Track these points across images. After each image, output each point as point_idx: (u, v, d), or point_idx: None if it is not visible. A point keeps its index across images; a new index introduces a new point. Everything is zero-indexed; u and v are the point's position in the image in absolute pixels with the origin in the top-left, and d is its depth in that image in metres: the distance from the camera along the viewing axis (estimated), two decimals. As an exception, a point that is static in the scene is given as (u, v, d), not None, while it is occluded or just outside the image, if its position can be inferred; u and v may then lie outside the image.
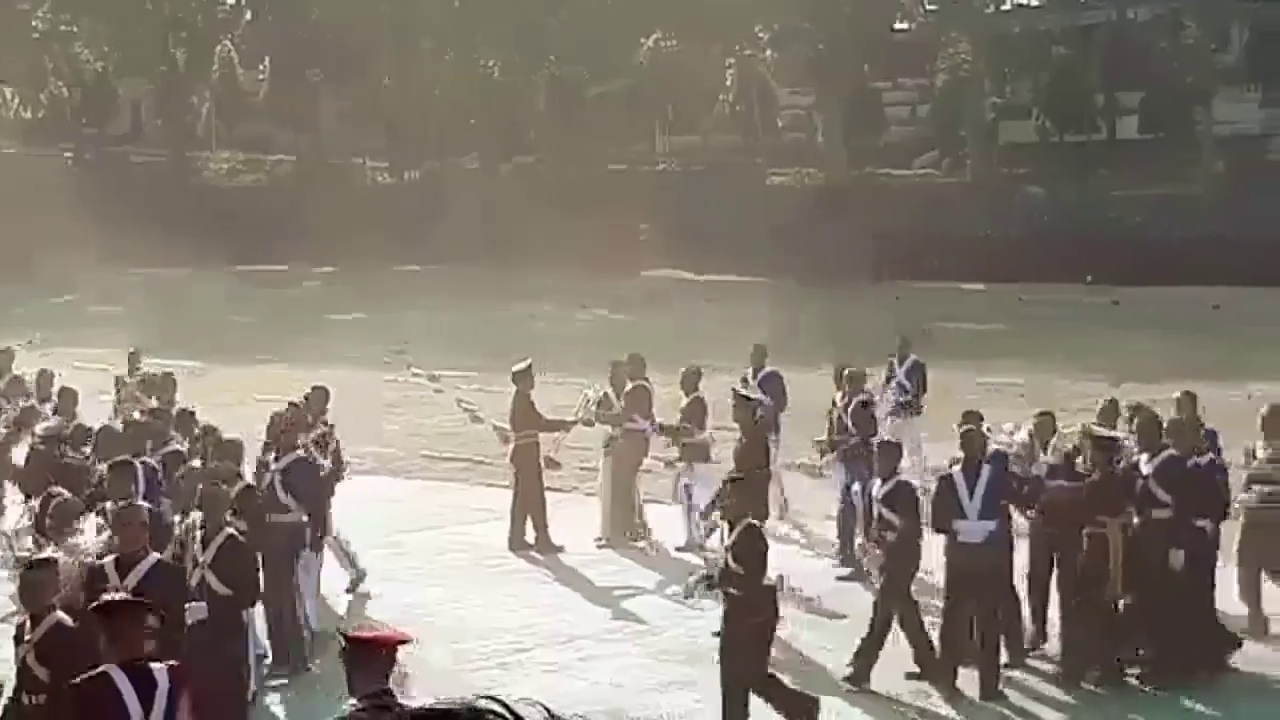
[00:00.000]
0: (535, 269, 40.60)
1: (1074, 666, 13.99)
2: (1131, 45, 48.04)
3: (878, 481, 14.10)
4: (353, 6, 50.39)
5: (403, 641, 8.16)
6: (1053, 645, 14.55)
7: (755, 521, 12.45)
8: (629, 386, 19.11)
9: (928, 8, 54.89)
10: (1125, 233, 41.30)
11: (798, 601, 15.42)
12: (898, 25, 55.60)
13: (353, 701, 7.70)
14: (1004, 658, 14.08)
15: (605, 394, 19.36)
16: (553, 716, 2.11)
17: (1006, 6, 55.67)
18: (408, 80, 52.15)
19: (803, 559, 17.55)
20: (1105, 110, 49.29)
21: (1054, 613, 14.63)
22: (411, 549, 18.31)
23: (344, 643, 7.94)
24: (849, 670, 13.71)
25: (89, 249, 41.77)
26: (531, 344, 24.47)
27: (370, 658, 7.84)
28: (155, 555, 11.01)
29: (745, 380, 19.02)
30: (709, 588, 12.53)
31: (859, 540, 14.43)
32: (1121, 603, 14.01)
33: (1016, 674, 14.15)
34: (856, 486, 16.71)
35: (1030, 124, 49.19)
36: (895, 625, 13.77)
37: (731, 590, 12.13)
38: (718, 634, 12.56)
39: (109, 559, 10.88)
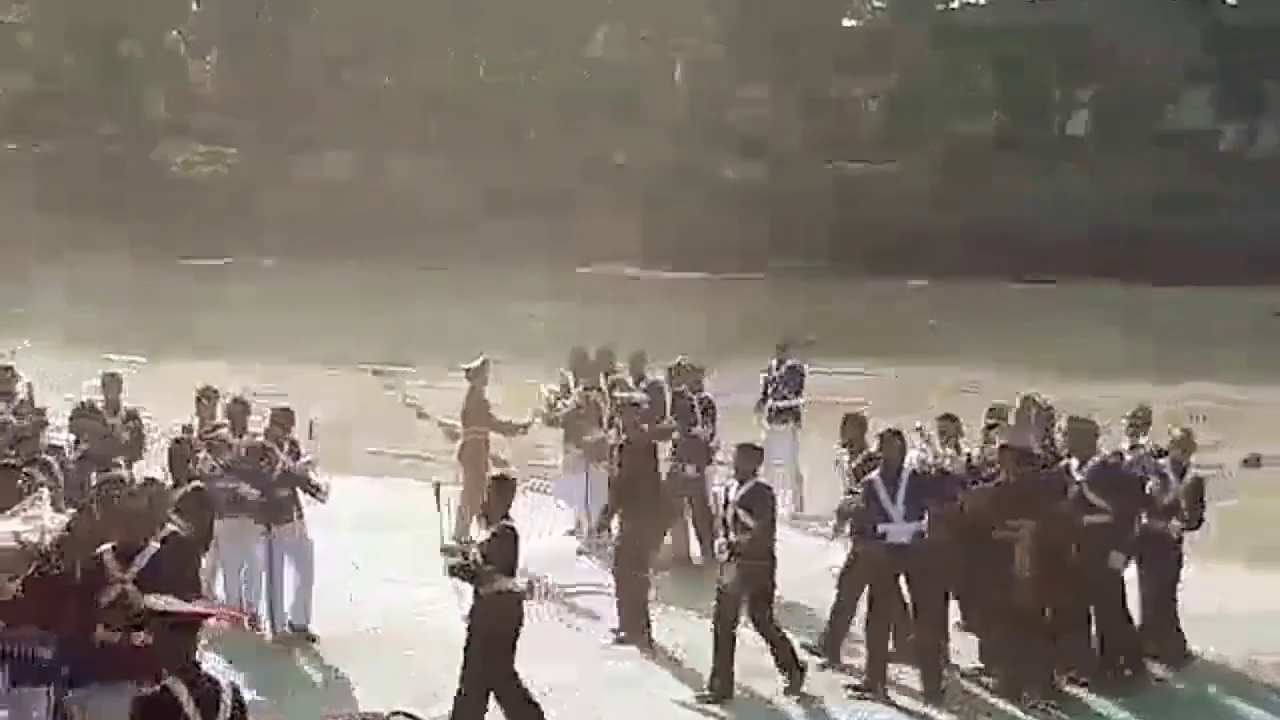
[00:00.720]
0: (490, 265, 40.57)
1: (1009, 678, 14.07)
2: (1083, 41, 48.31)
3: (734, 483, 14.05)
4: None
5: (204, 616, 8.63)
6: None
7: (511, 524, 12.29)
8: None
9: (875, 4, 55.08)
10: (1074, 228, 41.50)
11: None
12: (846, 21, 55.64)
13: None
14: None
15: (565, 381, 19.33)
16: None
17: (955, 4, 55.82)
18: (373, 76, 52.15)
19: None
20: (1059, 106, 49.53)
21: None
22: (392, 548, 18.09)
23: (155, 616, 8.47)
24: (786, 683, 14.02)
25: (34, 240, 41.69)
26: (483, 341, 24.36)
27: (178, 632, 8.29)
28: (156, 543, 10.90)
29: (624, 383, 18.93)
30: (452, 572, 12.45)
31: (718, 541, 14.21)
32: (1050, 610, 14.01)
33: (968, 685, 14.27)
34: (718, 488, 16.98)
35: (986, 120, 49.48)
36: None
37: (482, 590, 12.17)
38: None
39: (107, 547, 10.80)
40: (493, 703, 12.33)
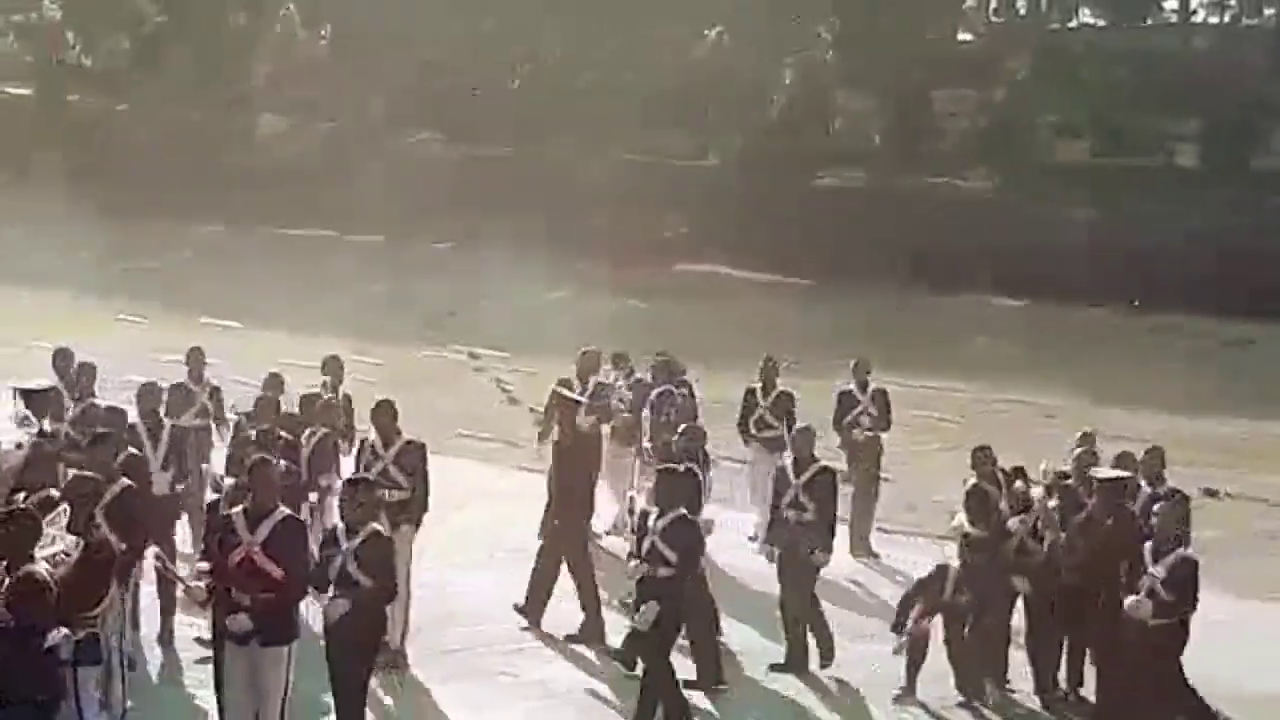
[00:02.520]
0: (572, 256, 40.79)
1: None
2: (1194, 73, 47.90)
3: (655, 511, 13.08)
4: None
5: None
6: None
7: (380, 529, 12.10)
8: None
9: (992, 20, 54.93)
10: (1171, 260, 41.15)
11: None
12: (961, 35, 55.60)
13: None
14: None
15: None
16: None
17: (1073, 24, 55.66)
18: (453, 57, 52.43)
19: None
20: (1163, 136, 49.14)
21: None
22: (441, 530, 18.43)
23: None
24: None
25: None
26: (564, 330, 24.64)
27: None
28: (285, 510, 11.31)
29: (568, 383, 18.64)
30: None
31: (632, 564, 13.14)
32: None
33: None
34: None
35: (1085, 144, 49.13)
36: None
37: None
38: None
39: (238, 509, 11.31)
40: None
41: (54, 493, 11.77)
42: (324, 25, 55.35)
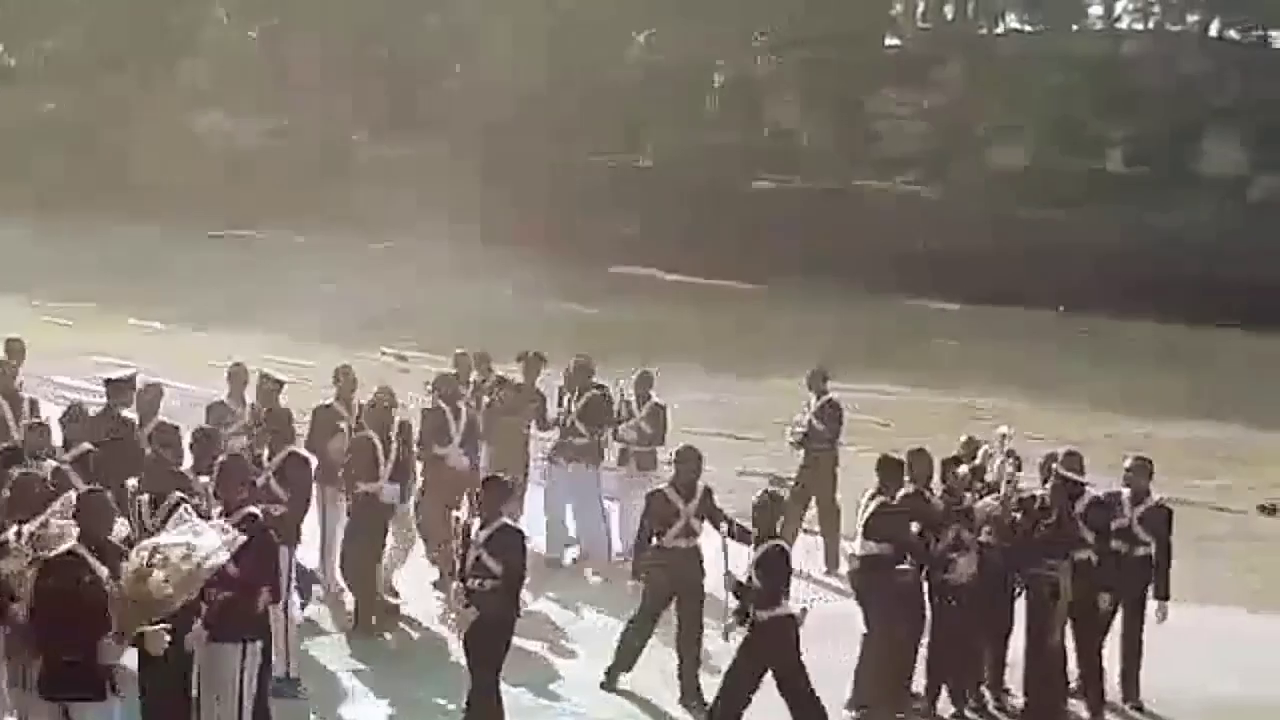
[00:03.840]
0: (509, 257, 40.70)
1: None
2: (1126, 78, 48.31)
3: (478, 521, 12.61)
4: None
5: None
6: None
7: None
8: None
9: (920, 25, 55.20)
10: (1103, 264, 41.47)
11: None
12: (890, 40, 55.84)
13: None
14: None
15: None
16: None
17: (1000, 30, 56.02)
18: (407, 56, 52.27)
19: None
20: (1095, 141, 49.50)
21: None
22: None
23: None
24: None
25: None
26: (497, 331, 24.51)
27: None
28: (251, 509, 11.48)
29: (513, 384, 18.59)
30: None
31: (454, 585, 12.58)
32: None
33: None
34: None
35: (1020, 149, 49.46)
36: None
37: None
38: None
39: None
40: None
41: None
42: (262, 22, 55.06)
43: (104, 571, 9.73)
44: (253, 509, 11.52)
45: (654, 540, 14.27)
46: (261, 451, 14.26)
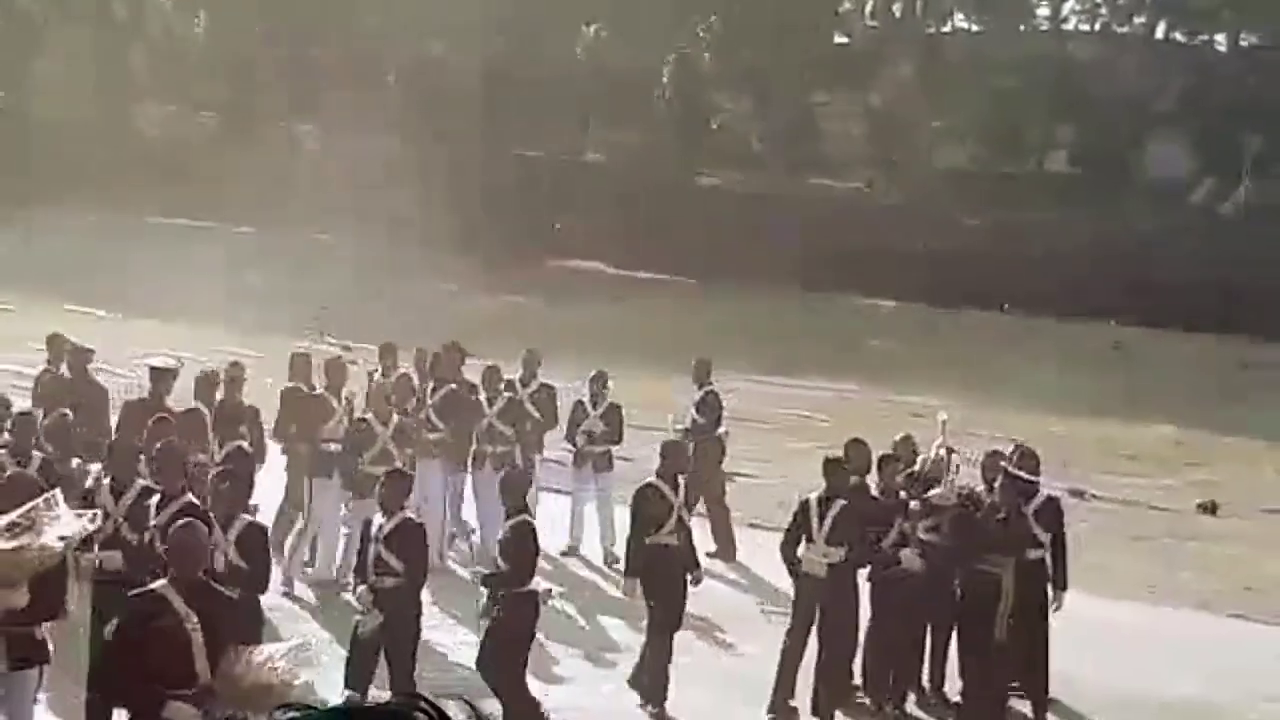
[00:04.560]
0: (448, 250, 40.56)
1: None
2: (1069, 82, 48.53)
3: (377, 516, 12.57)
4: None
5: None
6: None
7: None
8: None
9: (869, 24, 55.35)
10: (1044, 265, 41.64)
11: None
12: (838, 39, 55.96)
13: None
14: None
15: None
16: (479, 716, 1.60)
17: (947, 29, 56.21)
18: (334, 51, 52.05)
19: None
20: (1038, 143, 49.73)
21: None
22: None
23: None
24: None
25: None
26: (441, 326, 24.40)
27: None
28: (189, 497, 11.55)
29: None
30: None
31: (361, 588, 12.40)
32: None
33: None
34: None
35: (965, 149, 49.63)
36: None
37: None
38: None
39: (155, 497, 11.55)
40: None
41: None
42: (200, 15, 54.74)
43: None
44: (191, 498, 11.43)
45: (648, 538, 14.02)
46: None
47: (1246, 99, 46.17)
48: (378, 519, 12.31)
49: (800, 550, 13.81)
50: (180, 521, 10.05)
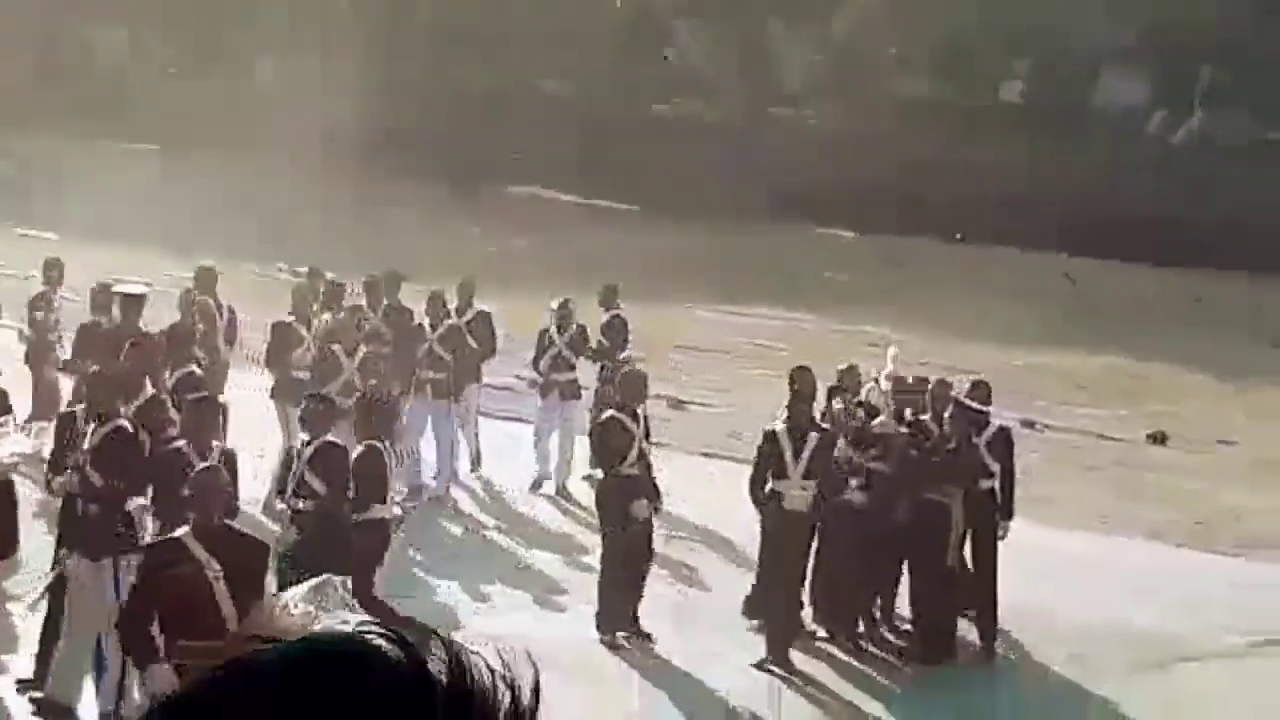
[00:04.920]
0: (402, 178, 40.35)
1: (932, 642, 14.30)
2: (1026, 8, 48.34)
3: (301, 438, 12.62)
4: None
5: None
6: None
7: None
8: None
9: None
10: (996, 195, 41.63)
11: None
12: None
13: None
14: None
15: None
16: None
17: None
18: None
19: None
20: (992, 74, 49.60)
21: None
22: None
23: None
24: None
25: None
26: (395, 253, 24.30)
27: None
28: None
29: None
30: None
31: (280, 505, 12.42)
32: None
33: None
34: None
35: (921, 80, 49.44)
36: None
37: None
38: None
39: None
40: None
41: None
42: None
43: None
44: (121, 421, 11.46)
45: (613, 469, 14.05)
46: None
47: (1200, 29, 46.17)
48: (300, 440, 12.32)
49: (778, 485, 13.72)
50: (202, 465, 10.08)
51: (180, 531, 9.21)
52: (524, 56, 49.98)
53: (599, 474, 14.63)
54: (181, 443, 11.69)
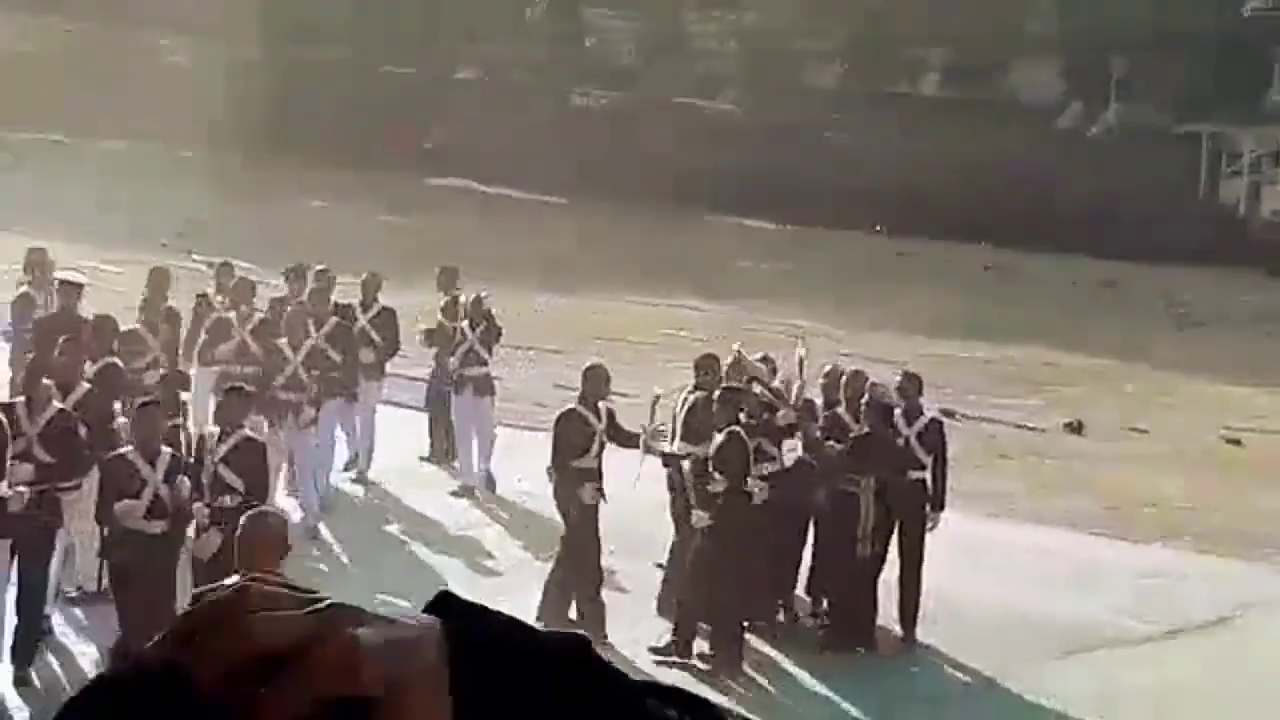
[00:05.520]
0: (316, 166, 40.09)
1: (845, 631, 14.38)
2: (941, 2, 48.56)
3: (212, 432, 12.61)
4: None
5: None
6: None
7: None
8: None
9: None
10: (913, 187, 41.83)
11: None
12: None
13: None
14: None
15: None
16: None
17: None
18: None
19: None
20: (909, 65, 49.80)
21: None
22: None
23: None
24: None
25: None
26: (311, 243, 24.13)
27: None
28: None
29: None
30: None
31: (198, 505, 12.16)
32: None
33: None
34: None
35: (835, 69, 49.59)
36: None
37: None
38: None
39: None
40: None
41: None
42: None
43: None
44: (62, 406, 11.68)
45: (573, 463, 13.99)
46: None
47: (1114, 20, 46.54)
48: (212, 436, 12.20)
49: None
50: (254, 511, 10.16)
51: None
52: (439, 45, 49.77)
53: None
54: (128, 449, 11.74)
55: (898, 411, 14.76)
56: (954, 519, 15.69)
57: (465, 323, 18.29)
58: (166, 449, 11.85)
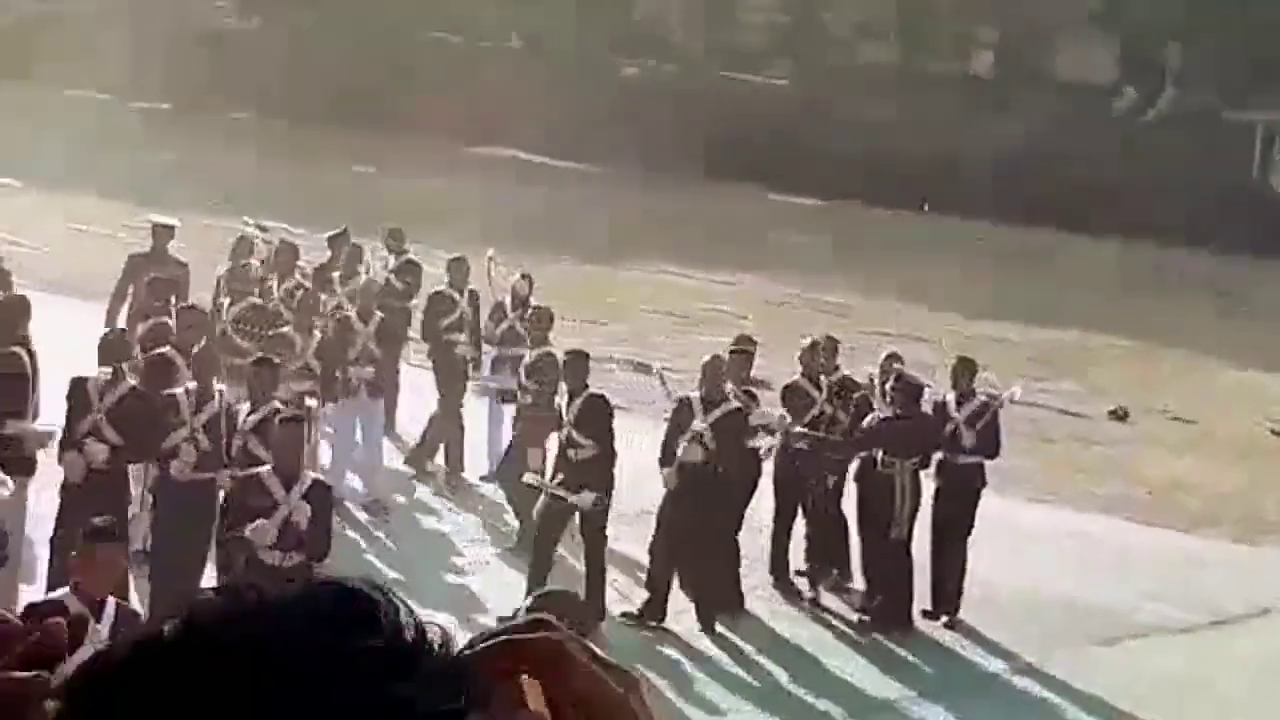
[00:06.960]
0: (370, 134, 40.16)
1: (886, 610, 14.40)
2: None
3: (244, 407, 12.76)
4: None
5: None
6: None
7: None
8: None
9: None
10: (963, 167, 41.64)
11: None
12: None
13: None
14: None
15: None
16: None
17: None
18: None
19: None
20: (961, 42, 49.50)
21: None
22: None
23: None
24: None
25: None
26: (357, 209, 24.15)
27: None
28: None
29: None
30: None
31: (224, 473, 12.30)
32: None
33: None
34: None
35: (886, 46, 49.29)
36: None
37: None
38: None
39: None
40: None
41: None
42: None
43: None
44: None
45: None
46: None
47: (1169, 4, 46.21)
48: (244, 409, 12.04)
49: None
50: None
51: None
52: (490, 14, 49.72)
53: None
54: (262, 469, 11.29)
55: (950, 396, 14.78)
56: (995, 503, 15.66)
57: (507, 300, 17.93)
58: (309, 473, 11.22)
